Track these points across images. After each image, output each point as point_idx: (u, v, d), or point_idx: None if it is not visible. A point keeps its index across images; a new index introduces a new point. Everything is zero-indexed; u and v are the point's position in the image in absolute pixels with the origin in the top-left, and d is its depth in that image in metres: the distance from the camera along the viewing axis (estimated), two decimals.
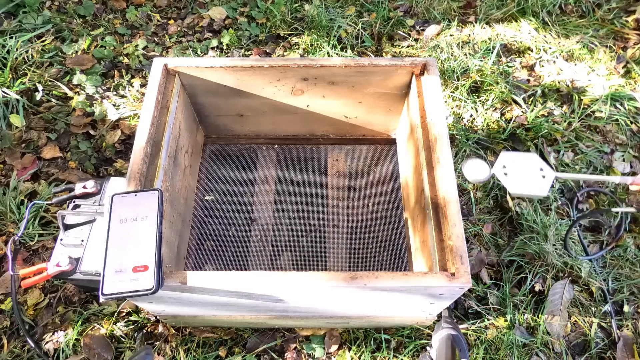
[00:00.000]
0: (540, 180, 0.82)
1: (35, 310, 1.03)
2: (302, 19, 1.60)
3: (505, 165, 0.84)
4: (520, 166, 0.83)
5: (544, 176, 0.82)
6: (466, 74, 1.44)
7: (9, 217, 1.11)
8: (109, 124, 1.30)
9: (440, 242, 0.71)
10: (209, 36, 1.56)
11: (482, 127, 1.34)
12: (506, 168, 0.83)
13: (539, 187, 0.81)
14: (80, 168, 1.23)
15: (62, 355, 0.97)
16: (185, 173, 0.97)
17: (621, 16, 1.64)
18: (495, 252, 1.13)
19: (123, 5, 1.62)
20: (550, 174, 0.82)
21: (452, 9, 1.65)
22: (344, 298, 0.74)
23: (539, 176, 0.82)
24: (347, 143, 1.16)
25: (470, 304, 1.05)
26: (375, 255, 1.02)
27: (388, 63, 0.89)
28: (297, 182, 1.11)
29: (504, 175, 0.83)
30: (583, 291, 1.09)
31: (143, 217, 0.66)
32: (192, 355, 0.97)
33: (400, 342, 1.01)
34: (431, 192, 0.76)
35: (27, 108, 1.31)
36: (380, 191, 1.10)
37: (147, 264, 0.62)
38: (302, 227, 1.05)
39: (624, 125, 1.36)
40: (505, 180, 0.83)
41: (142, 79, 1.43)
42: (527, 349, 1.01)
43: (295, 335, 1.01)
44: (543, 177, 0.82)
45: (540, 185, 0.81)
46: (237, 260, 1.00)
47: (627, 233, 1.17)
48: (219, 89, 0.96)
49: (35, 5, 1.53)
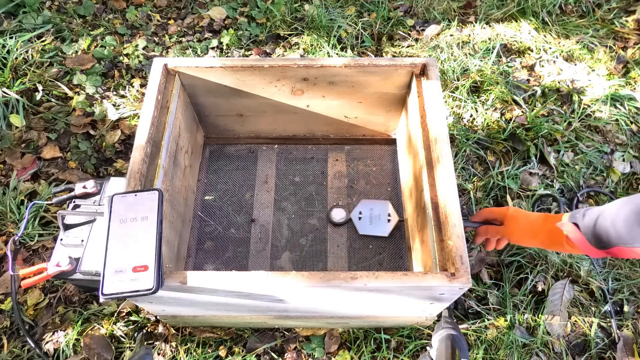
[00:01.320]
0: (385, 224, 1.03)
1: (35, 310, 1.03)
2: (302, 19, 1.60)
3: (361, 211, 1.05)
4: (373, 212, 1.05)
5: (389, 220, 1.04)
6: (466, 74, 1.44)
7: (9, 217, 1.11)
8: (109, 124, 1.30)
9: (440, 242, 0.71)
10: (209, 36, 1.56)
11: (482, 127, 1.34)
12: (361, 214, 1.05)
13: (382, 229, 1.03)
14: (80, 168, 1.23)
15: (62, 355, 0.97)
16: (185, 173, 0.97)
17: (621, 16, 1.64)
18: (495, 252, 1.13)
19: (123, 5, 1.62)
20: (394, 218, 1.04)
21: (452, 9, 1.65)
22: (344, 298, 0.74)
23: (385, 220, 1.04)
24: (347, 143, 1.16)
25: (470, 304, 1.05)
26: (375, 255, 1.02)
27: (388, 63, 0.89)
28: (297, 182, 1.11)
29: (358, 219, 1.04)
30: (583, 291, 1.09)
31: (143, 217, 0.66)
32: (192, 355, 0.97)
33: (400, 342, 1.01)
34: (431, 192, 0.76)
35: (27, 108, 1.31)
36: (380, 191, 1.10)
37: (147, 264, 0.62)
38: (302, 227, 1.05)
39: (624, 125, 1.36)
40: (357, 223, 1.04)
41: (142, 79, 1.43)
42: (527, 349, 1.01)
43: (295, 335, 1.01)
44: (388, 221, 1.04)
45: (383, 228, 1.03)
46: (237, 260, 1.00)
47: None
48: (219, 89, 0.96)
49: (35, 5, 1.53)
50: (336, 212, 1.05)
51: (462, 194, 1.21)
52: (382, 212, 1.05)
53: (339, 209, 1.05)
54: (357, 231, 1.03)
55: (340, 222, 1.04)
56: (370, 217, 1.04)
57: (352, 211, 1.06)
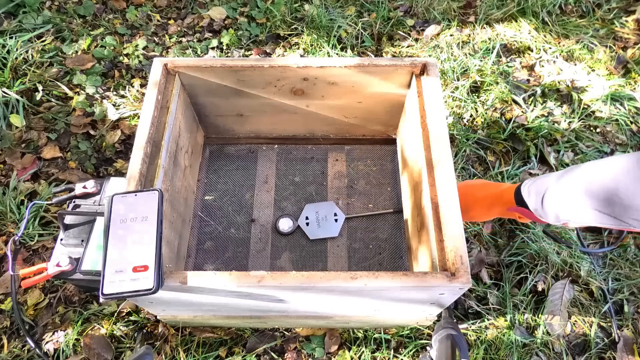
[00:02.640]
0: (333, 224, 1.03)
1: (35, 310, 1.03)
2: (302, 19, 1.60)
3: (308, 216, 1.04)
4: (319, 214, 1.04)
5: (337, 220, 1.03)
6: (466, 74, 1.44)
7: (9, 217, 1.11)
8: (109, 124, 1.30)
9: (440, 242, 0.71)
10: (209, 36, 1.56)
11: (482, 127, 1.34)
12: (308, 219, 1.03)
13: (332, 230, 1.02)
14: (80, 168, 1.23)
15: (62, 355, 0.97)
16: (185, 173, 0.97)
17: (621, 16, 1.64)
18: (495, 252, 1.13)
19: (123, 5, 1.62)
20: (341, 217, 1.04)
21: (452, 9, 1.65)
22: (344, 298, 0.74)
23: (332, 220, 1.03)
24: (347, 143, 1.16)
25: (470, 304, 1.05)
26: (375, 255, 1.02)
27: (388, 63, 0.89)
28: (297, 182, 1.11)
29: (306, 225, 1.03)
30: (583, 291, 1.09)
31: (143, 217, 0.66)
32: (192, 355, 0.97)
33: (400, 342, 1.01)
34: (431, 192, 0.76)
35: (27, 108, 1.31)
36: (380, 191, 1.10)
37: (147, 264, 0.62)
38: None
39: (624, 125, 1.36)
40: (306, 229, 1.02)
41: (142, 79, 1.43)
42: (527, 349, 1.01)
43: (295, 335, 1.01)
44: (336, 221, 1.03)
45: (332, 229, 1.02)
46: (237, 260, 1.00)
47: (629, 234, 1.17)
48: (219, 89, 0.95)
49: (35, 5, 1.53)
50: (283, 222, 1.03)
51: None
52: (328, 213, 1.04)
53: (285, 219, 1.03)
54: (308, 237, 1.02)
55: (288, 231, 1.02)
56: (317, 220, 1.03)
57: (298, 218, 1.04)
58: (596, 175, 0.57)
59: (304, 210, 1.05)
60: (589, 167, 0.59)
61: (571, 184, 0.61)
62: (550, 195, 0.64)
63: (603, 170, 0.57)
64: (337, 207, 1.05)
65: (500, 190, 0.78)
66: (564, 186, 0.62)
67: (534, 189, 0.68)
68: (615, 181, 0.54)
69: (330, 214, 1.04)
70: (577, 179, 0.60)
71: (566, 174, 0.62)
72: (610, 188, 0.55)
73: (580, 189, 0.59)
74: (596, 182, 0.57)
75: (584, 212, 0.59)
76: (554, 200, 0.63)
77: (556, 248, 1.12)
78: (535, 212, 0.68)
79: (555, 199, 0.63)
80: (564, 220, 0.64)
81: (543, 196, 0.65)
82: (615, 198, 0.54)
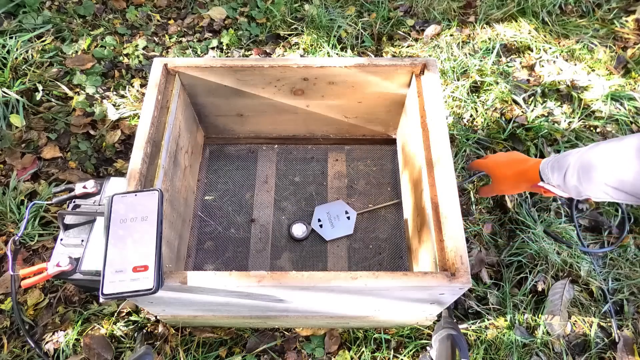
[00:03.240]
0: (346, 222, 1.03)
1: (35, 310, 1.03)
2: (302, 19, 1.60)
3: (320, 218, 1.04)
4: (330, 215, 1.04)
5: (349, 217, 1.04)
6: (466, 74, 1.44)
7: (9, 217, 1.11)
8: (109, 124, 1.30)
9: (440, 242, 0.71)
10: (209, 36, 1.56)
11: (482, 127, 1.34)
12: (321, 221, 1.03)
13: (346, 228, 1.03)
14: (80, 168, 1.23)
15: (62, 355, 0.97)
16: (185, 173, 0.97)
17: (621, 16, 1.64)
18: (495, 252, 1.13)
19: (123, 5, 1.62)
20: (353, 214, 1.04)
21: (452, 9, 1.65)
22: (344, 298, 0.74)
23: (344, 219, 1.04)
24: (347, 143, 1.16)
25: (470, 304, 1.05)
26: (375, 255, 1.02)
27: (388, 63, 0.89)
28: (297, 182, 1.11)
29: (320, 227, 1.03)
30: (583, 291, 1.09)
31: (143, 217, 0.66)
32: (192, 355, 0.97)
33: (400, 342, 1.01)
34: (431, 192, 0.76)
35: (27, 108, 1.31)
36: (380, 191, 1.10)
37: (147, 264, 0.62)
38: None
39: (624, 125, 1.36)
40: (321, 231, 1.02)
41: (142, 79, 1.43)
42: (527, 349, 1.01)
43: (295, 335, 1.01)
44: (348, 219, 1.04)
45: (347, 226, 1.03)
46: (237, 260, 1.00)
47: (629, 234, 1.17)
48: (219, 89, 0.96)
49: (35, 5, 1.53)
50: (297, 228, 1.02)
51: (462, 194, 1.22)
52: (339, 212, 1.04)
53: (298, 224, 1.03)
54: (324, 239, 1.02)
55: (303, 236, 1.02)
56: (330, 220, 1.03)
57: (311, 222, 1.04)
58: (614, 153, 0.60)
59: (314, 213, 1.05)
60: (607, 146, 0.62)
61: (590, 162, 0.63)
62: (571, 172, 0.67)
63: (620, 149, 0.59)
64: (346, 204, 1.05)
65: (526, 168, 0.81)
66: (584, 163, 0.65)
67: (557, 165, 0.71)
68: (632, 159, 0.57)
69: (341, 213, 1.04)
70: (596, 157, 0.63)
71: (587, 151, 0.65)
72: (627, 166, 0.58)
73: (599, 167, 0.62)
74: (614, 160, 0.60)
75: (602, 188, 0.62)
76: (575, 177, 0.66)
77: (556, 248, 1.12)
78: (559, 187, 0.72)
79: (575, 175, 0.66)
80: (586, 195, 0.67)
81: (565, 173, 0.68)
82: (633, 175, 0.57)
